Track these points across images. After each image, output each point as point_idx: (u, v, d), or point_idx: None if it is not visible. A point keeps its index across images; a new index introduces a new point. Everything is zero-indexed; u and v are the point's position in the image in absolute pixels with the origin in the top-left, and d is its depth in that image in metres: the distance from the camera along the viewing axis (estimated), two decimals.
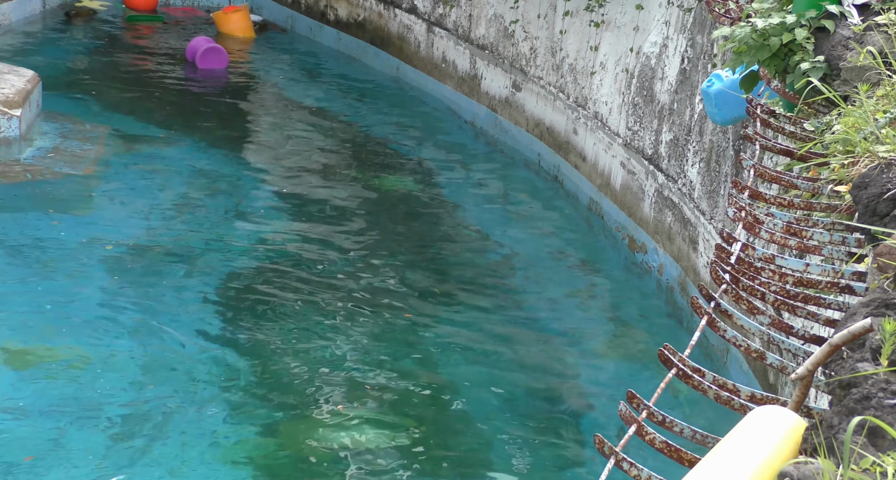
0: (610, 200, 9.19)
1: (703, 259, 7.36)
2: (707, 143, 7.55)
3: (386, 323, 7.17)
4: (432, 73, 12.59)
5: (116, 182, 9.27)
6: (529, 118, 10.80)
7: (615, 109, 9.24)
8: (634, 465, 2.50)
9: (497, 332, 7.24)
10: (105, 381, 6.12)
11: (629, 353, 7.20)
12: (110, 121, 10.68)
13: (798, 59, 4.14)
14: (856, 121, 3.41)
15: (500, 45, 11.29)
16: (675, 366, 2.80)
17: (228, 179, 9.71)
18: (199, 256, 8.00)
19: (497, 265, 8.45)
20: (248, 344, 6.75)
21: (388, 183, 10.04)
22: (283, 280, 7.74)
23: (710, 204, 7.36)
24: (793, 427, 2.00)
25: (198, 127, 11.02)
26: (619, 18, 9.18)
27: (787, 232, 3.31)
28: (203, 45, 12.94)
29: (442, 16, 12.36)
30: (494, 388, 6.45)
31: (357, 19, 13.99)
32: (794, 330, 2.99)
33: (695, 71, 7.86)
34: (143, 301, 7.17)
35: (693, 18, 7.94)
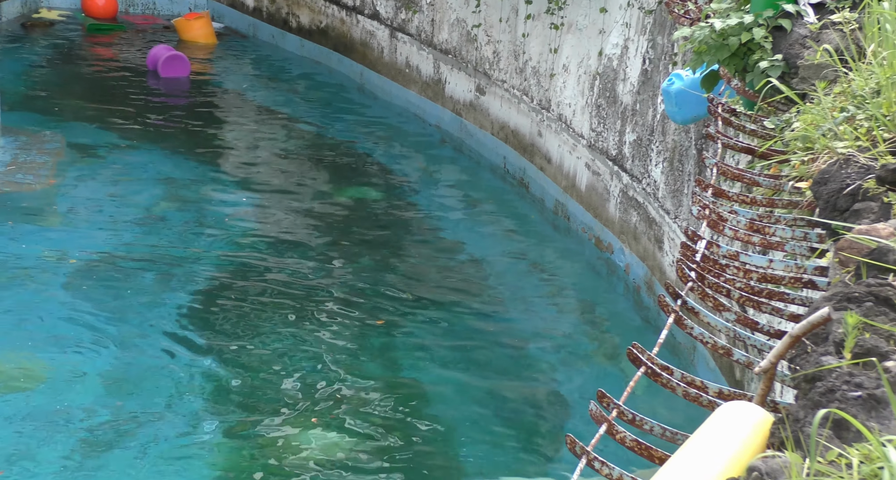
0: (576, 201, 9.24)
1: (668, 257, 7.42)
2: (670, 143, 7.61)
3: (357, 330, 7.15)
4: (396, 78, 12.58)
5: (78, 193, 9.16)
6: (494, 121, 10.83)
7: (579, 111, 9.29)
8: (606, 464, 2.51)
9: (467, 336, 7.25)
10: (72, 394, 6.05)
11: (598, 353, 7.24)
12: (70, 132, 10.56)
13: (757, 57, 4.19)
14: (814, 119, 3.45)
15: (463, 49, 11.32)
16: (643, 365, 2.82)
17: (193, 188, 9.63)
18: (166, 266, 7.92)
19: (465, 268, 8.46)
20: (218, 355, 6.69)
21: (355, 188, 10.01)
22: (252, 288, 7.69)
23: (675, 203, 7.43)
24: (760, 421, 2.02)
25: (161, 135, 10.92)
26: (581, 21, 9.24)
27: (751, 229, 3.35)
28: (164, 53, 12.83)
29: (405, 21, 12.36)
30: (467, 392, 6.45)
31: (319, 26, 13.96)
32: (759, 325, 3.03)
33: (656, 71, 7.93)
34: (108, 313, 7.09)
35: (653, 20, 8.02)
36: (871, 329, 2.09)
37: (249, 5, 15.09)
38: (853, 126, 3.23)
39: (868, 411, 1.85)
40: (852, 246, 2.54)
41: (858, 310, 2.14)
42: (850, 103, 3.36)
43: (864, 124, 3.20)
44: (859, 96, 3.35)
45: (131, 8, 15.59)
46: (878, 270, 2.38)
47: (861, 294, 2.19)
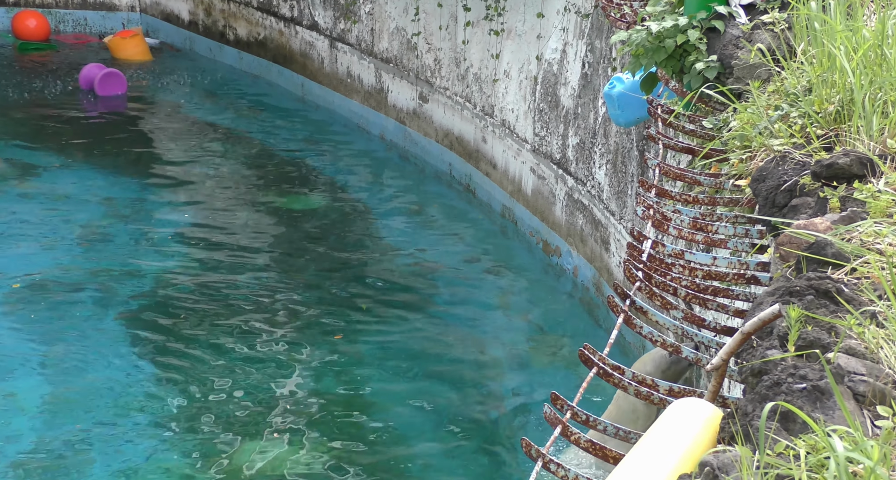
0: (522, 206, 9.30)
1: (615, 258, 7.50)
2: (612, 145, 7.71)
3: (308, 342, 7.10)
4: (338, 88, 12.54)
5: (14, 215, 8.96)
6: (438, 129, 10.86)
7: (521, 116, 9.36)
8: (561, 466, 2.53)
9: (419, 344, 7.24)
10: (14, 419, 5.90)
11: (551, 355, 7.29)
12: (6, 153, 10.33)
13: (693, 59, 4.27)
14: (750, 117, 3.53)
15: (404, 57, 11.33)
16: (595, 365, 2.85)
17: (134, 206, 9.48)
18: (108, 286, 7.78)
19: (416, 277, 8.45)
20: (167, 375, 6.59)
21: (301, 201, 9.95)
22: (200, 307, 7.58)
23: (619, 204, 7.52)
24: (710, 417, 2.06)
25: (98, 154, 10.73)
26: (519, 26, 9.32)
27: (694, 227, 3.41)
28: (98, 71, 12.61)
29: (344, 31, 12.34)
30: (421, 401, 6.44)
31: (258, 38, 13.86)
32: (706, 322, 3.08)
33: (596, 75, 8.03)
34: (49, 335, 6.94)
35: (591, 24, 8.12)
36: (813, 321, 2.14)
37: (185, 19, 14.92)
38: (787, 123, 3.31)
39: (813, 402, 1.89)
40: (792, 241, 2.60)
41: (800, 304, 2.18)
42: (783, 101, 3.44)
43: (798, 121, 3.28)
44: (792, 94, 3.43)
45: (62, 25, 15.28)
46: (818, 264, 2.44)
47: (802, 288, 2.24)
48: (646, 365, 5.54)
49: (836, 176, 2.87)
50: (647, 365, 5.54)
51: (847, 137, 3.06)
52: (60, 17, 15.27)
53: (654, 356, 5.56)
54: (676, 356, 5.44)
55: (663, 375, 5.48)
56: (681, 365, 5.50)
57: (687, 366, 5.53)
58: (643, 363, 5.56)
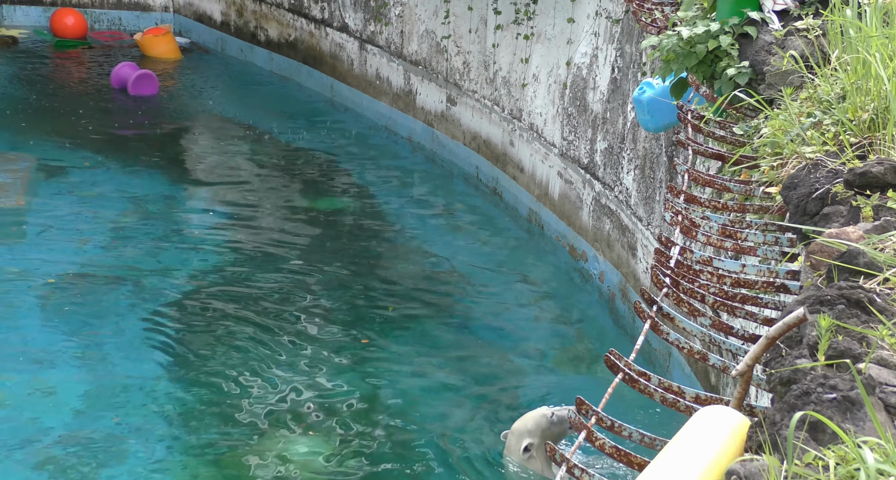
0: (549, 210, 9.28)
1: (642, 264, 7.46)
2: (641, 150, 7.67)
3: (335, 342, 7.12)
4: (367, 90, 12.59)
5: (48, 212, 9.06)
6: (466, 131, 10.86)
7: (550, 120, 9.35)
8: (585, 471, 2.52)
9: (445, 348, 7.24)
10: (44, 413, 5.97)
11: (576, 360, 7.26)
12: (38, 151, 10.45)
13: (724, 65, 4.24)
14: (782, 124, 3.50)
15: (433, 60, 11.35)
16: (621, 371, 2.83)
17: (164, 205, 9.56)
18: (140, 284, 7.86)
19: (442, 280, 8.46)
20: (195, 371, 6.64)
21: (328, 202, 9.99)
22: (226, 304, 7.64)
23: (647, 210, 7.48)
24: (737, 425, 2.04)
25: (130, 152, 10.84)
26: (549, 31, 9.31)
27: (723, 234, 3.38)
28: (131, 71, 12.74)
29: (374, 33, 12.38)
30: (445, 403, 6.44)
31: (288, 39, 13.94)
32: (733, 330, 3.05)
33: (625, 80, 8.00)
34: (80, 331, 7.02)
35: (621, 29, 8.09)
36: (844, 331, 2.12)
37: (217, 20, 15.04)
38: (820, 131, 3.28)
39: (843, 413, 1.87)
40: (823, 249, 2.57)
41: (831, 313, 2.16)
42: (816, 109, 3.41)
43: (831, 129, 3.24)
44: (825, 101, 3.40)
45: (97, 24, 15.47)
46: (849, 273, 2.41)
47: (833, 297, 2.22)
48: (526, 423, 5.51)
49: (870, 184, 2.84)
50: (527, 423, 5.50)
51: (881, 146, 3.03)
52: (96, 16, 15.46)
53: (535, 415, 5.49)
54: (559, 416, 5.41)
55: (543, 434, 5.44)
56: (563, 426, 5.44)
57: (568, 427, 5.46)
58: (524, 421, 5.52)
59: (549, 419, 5.44)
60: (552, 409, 5.50)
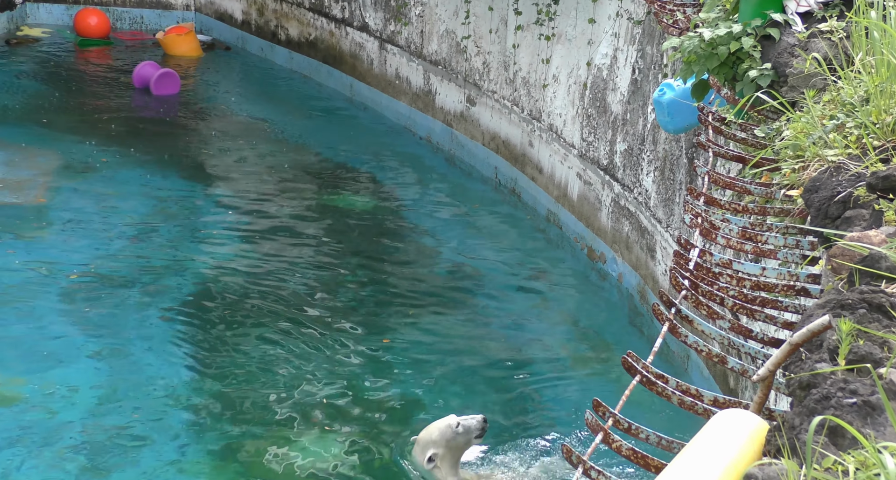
0: (568, 211, 9.26)
1: (661, 266, 7.43)
2: (661, 152, 7.64)
3: (351, 342, 7.14)
4: (386, 89, 12.60)
5: (69, 209, 9.13)
6: (485, 132, 10.86)
7: (569, 121, 9.32)
8: (602, 473, 2.51)
9: (463, 349, 7.24)
10: (63, 410, 6.02)
11: (593, 362, 7.24)
12: (60, 148, 10.53)
13: (746, 66, 4.22)
14: (804, 127, 3.48)
15: (452, 60, 11.35)
16: (638, 373, 2.82)
17: (183, 202, 9.62)
18: (158, 281, 7.90)
19: (460, 280, 8.46)
20: (212, 369, 6.67)
21: (347, 201, 10.01)
22: (246, 303, 7.67)
23: (666, 212, 7.45)
24: (756, 429, 2.03)
25: (150, 150, 10.90)
26: (570, 31, 9.29)
27: (743, 236, 3.36)
28: (153, 70, 12.81)
29: (394, 33, 12.40)
30: (462, 404, 6.43)
31: (308, 38, 13.98)
32: (753, 333, 3.04)
33: (646, 81, 7.97)
34: (99, 328, 7.06)
35: (642, 30, 8.06)
36: (865, 335, 2.10)
37: (238, 18, 15.11)
38: (843, 134, 3.26)
39: (863, 418, 1.86)
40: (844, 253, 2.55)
41: (852, 317, 2.15)
42: (839, 111, 3.38)
43: (854, 132, 3.22)
44: (848, 104, 3.37)
45: (119, 22, 15.58)
46: (871, 277, 2.39)
47: (854, 301, 2.20)
48: (431, 434, 5.47)
49: (893, 188, 2.82)
50: (432, 433, 5.46)
51: None
52: (118, 14, 15.58)
53: (441, 425, 5.45)
54: (464, 426, 5.36)
55: (448, 444, 5.39)
56: (469, 435, 5.40)
57: (475, 437, 5.41)
58: (429, 431, 5.49)
59: (454, 429, 5.39)
60: (458, 419, 5.45)
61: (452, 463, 5.36)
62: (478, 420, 5.40)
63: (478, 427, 5.39)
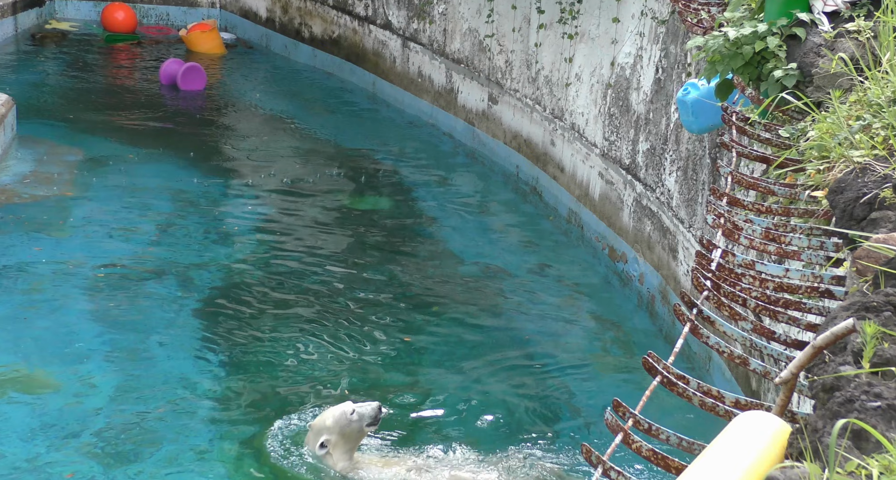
0: (589, 210, 9.23)
1: (683, 267, 7.40)
2: (684, 152, 7.60)
3: (372, 340, 7.15)
4: (409, 87, 12.62)
5: (94, 205, 9.21)
6: (507, 130, 10.84)
7: (591, 120, 9.29)
8: (622, 473, 2.50)
9: (481, 346, 7.24)
10: (85, 403, 6.07)
11: (613, 362, 7.22)
12: (86, 144, 10.61)
13: (771, 66, 4.19)
14: (830, 127, 3.45)
15: (475, 58, 11.34)
16: (659, 374, 2.81)
17: (207, 198, 9.67)
18: (182, 277, 7.95)
19: (479, 278, 8.45)
20: (235, 365, 6.71)
21: (368, 198, 10.03)
22: (267, 301, 7.70)
23: (689, 212, 7.41)
24: (778, 431, 2.01)
25: (175, 146, 10.97)
26: (593, 30, 9.25)
27: (766, 237, 3.34)
28: (179, 67, 12.89)
29: (417, 31, 12.40)
30: (481, 403, 6.43)
31: (332, 36, 14.01)
32: (775, 335, 3.01)
33: (669, 80, 7.93)
34: (123, 322, 7.12)
35: (666, 29, 8.02)
36: (890, 338, 2.08)
37: (262, 16, 15.17)
38: (869, 135, 3.23)
39: (888, 421, 1.84)
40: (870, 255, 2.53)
41: (877, 320, 2.13)
42: (866, 112, 3.35)
43: (881, 133, 3.19)
44: (875, 105, 3.34)
45: (145, 19, 15.71)
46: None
47: (879, 303, 2.18)
48: (325, 420, 5.43)
49: None
50: (326, 419, 5.43)
51: None
52: (144, 11, 15.71)
53: (336, 412, 5.42)
54: (359, 413, 5.34)
55: (342, 431, 5.36)
56: (362, 422, 5.37)
57: (368, 425, 5.39)
58: (323, 418, 5.46)
59: (348, 416, 5.36)
60: (354, 405, 5.43)
61: (345, 450, 5.35)
62: (372, 408, 5.39)
63: (371, 415, 5.37)
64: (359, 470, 5.34)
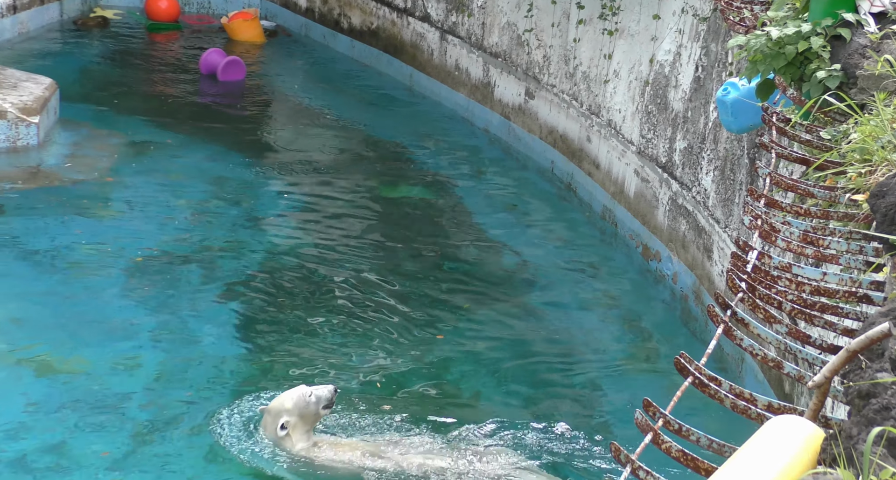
0: (624, 208, 9.18)
1: (717, 267, 7.34)
2: (721, 151, 7.53)
3: (403, 334, 7.17)
4: (445, 80, 12.61)
5: (133, 189, 9.32)
6: (543, 125, 10.81)
7: (629, 117, 9.24)
8: (650, 473, 2.49)
9: (512, 343, 7.23)
10: (120, 384, 6.16)
11: (644, 361, 7.18)
12: (127, 129, 10.74)
13: (814, 67, 4.13)
14: (873, 130, 3.40)
15: (513, 52, 11.31)
16: (691, 375, 2.79)
17: (242, 186, 9.75)
18: (215, 263, 8.03)
19: (512, 274, 8.44)
20: (265, 352, 6.78)
21: (403, 190, 10.05)
22: (299, 289, 7.75)
23: (725, 212, 7.35)
24: (811, 436, 2.00)
25: (213, 134, 11.07)
26: (633, 27, 9.19)
27: (804, 240, 3.30)
28: (220, 58, 12.98)
29: (455, 24, 12.39)
30: (510, 399, 6.43)
31: (370, 27, 14.05)
32: (811, 339, 2.98)
33: (709, 79, 7.85)
34: (162, 307, 7.22)
35: (707, 27, 7.94)
36: None
37: (302, 5, 15.24)
38: None
39: None
40: None
41: None
42: None
43: None
44: None
45: (187, 7, 15.84)
46: None
47: None
48: (284, 402, 5.47)
49: None
50: (285, 401, 5.47)
51: None
52: (186, 0, 15.85)
53: (294, 394, 5.46)
54: (317, 396, 5.39)
55: (301, 413, 5.40)
56: (319, 405, 5.42)
57: (324, 407, 5.43)
58: (282, 399, 5.49)
59: (307, 398, 5.45)
60: (311, 388, 5.51)
61: (304, 431, 5.46)
62: (329, 391, 5.52)
63: (327, 398, 5.49)
64: (317, 450, 5.43)
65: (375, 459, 5.40)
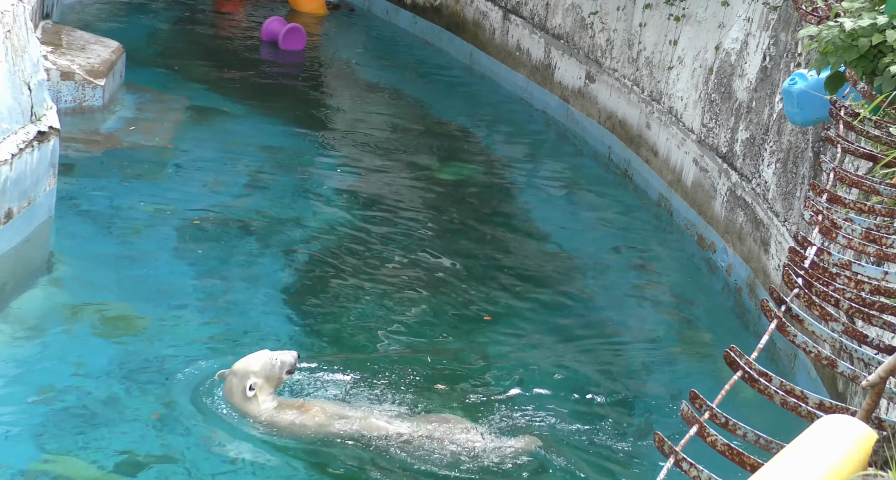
0: (680, 197, 9.06)
1: (774, 261, 7.21)
2: (785, 144, 7.38)
3: (450, 314, 7.19)
4: (506, 60, 12.53)
5: (193, 155, 9.46)
6: (602, 110, 10.70)
7: (690, 105, 9.09)
8: (694, 466, 2.47)
9: (560, 328, 7.20)
10: (166, 345, 6.28)
11: (693, 353, 7.10)
12: (189, 95, 10.88)
13: (888, 61, 4.02)
14: None
15: (575, 35, 11.19)
16: (741, 369, 2.76)
17: (297, 156, 9.83)
18: (268, 232, 8.13)
19: (564, 259, 8.39)
20: (312, 323, 6.85)
21: (456, 169, 10.04)
22: (349, 262, 7.81)
23: (785, 206, 7.21)
24: (863, 437, 1.96)
25: (273, 105, 11.16)
26: (700, 13, 9.02)
27: (867, 238, 3.23)
28: (281, 26, 13.06)
29: (518, 3, 12.29)
30: (556, 384, 6.39)
31: (433, 4, 14.00)
32: (868, 338, 2.93)
33: (776, 69, 7.69)
34: (214, 270, 7.35)
35: (778, 16, 7.76)
36: None
37: None
38: None
39: None
40: None
41: None
42: None
43: None
44: None
45: None
46: None
47: None
48: (250, 364, 5.54)
49: None
50: (251, 363, 5.54)
51: None
52: None
53: (260, 357, 5.54)
54: (281, 361, 5.52)
55: (268, 375, 5.49)
56: (282, 370, 5.51)
57: (288, 372, 5.53)
58: (247, 361, 5.55)
59: (272, 361, 5.54)
60: (274, 353, 5.59)
61: (269, 393, 5.56)
62: (292, 356, 5.62)
63: (290, 363, 5.60)
64: (282, 410, 5.54)
65: (340, 420, 5.48)
